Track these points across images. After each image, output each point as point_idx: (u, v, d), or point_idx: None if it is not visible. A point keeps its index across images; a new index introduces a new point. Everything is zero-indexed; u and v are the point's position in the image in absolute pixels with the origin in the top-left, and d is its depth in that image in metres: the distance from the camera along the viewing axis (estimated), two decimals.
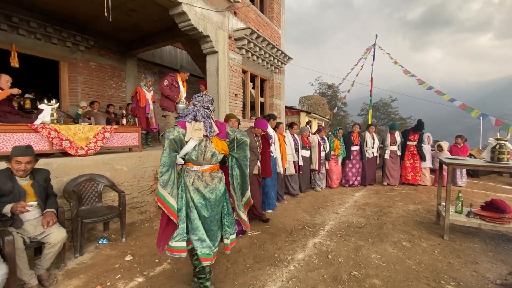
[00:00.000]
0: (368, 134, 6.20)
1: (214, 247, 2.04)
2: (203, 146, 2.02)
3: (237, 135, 2.12)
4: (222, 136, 2.09)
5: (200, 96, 2.13)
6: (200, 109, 2.07)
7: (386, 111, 32.83)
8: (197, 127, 2.00)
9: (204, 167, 2.05)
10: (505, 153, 2.94)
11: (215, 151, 2.04)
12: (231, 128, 2.16)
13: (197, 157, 2.02)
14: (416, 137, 6.12)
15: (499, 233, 3.28)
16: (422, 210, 4.28)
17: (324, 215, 4.09)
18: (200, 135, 1.99)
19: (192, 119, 2.03)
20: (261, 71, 7.72)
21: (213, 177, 2.07)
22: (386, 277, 2.33)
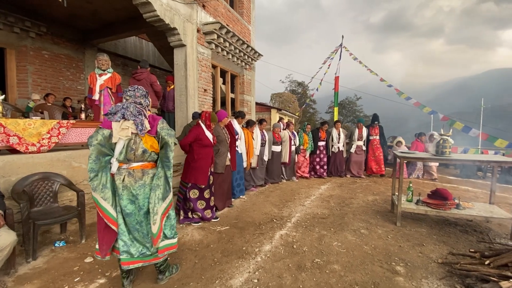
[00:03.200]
0: (335, 130, 6.59)
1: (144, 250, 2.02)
2: (132, 144, 1.96)
3: (162, 133, 2.03)
4: (152, 132, 2.03)
5: (132, 90, 2.04)
6: (130, 105, 1.97)
7: (352, 108, 34.65)
8: (125, 125, 1.92)
9: (135, 164, 2.01)
10: (447, 147, 3.32)
11: (145, 148, 1.99)
12: (162, 125, 2.07)
13: (128, 156, 1.97)
14: (376, 130, 6.63)
15: (442, 218, 3.69)
16: (379, 200, 4.65)
17: (291, 207, 4.25)
18: (128, 133, 1.92)
19: (121, 117, 1.93)
20: (231, 66, 7.68)
21: (144, 173, 2.02)
22: (345, 262, 2.52)
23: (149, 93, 2.18)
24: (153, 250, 2.06)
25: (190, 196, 3.46)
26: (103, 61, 4.20)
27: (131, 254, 1.99)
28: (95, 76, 4.21)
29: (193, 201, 3.47)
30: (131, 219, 2.00)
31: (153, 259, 2.09)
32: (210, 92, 6.57)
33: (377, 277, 2.27)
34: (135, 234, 2.02)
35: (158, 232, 1.99)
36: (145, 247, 2.04)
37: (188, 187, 3.47)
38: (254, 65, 8.89)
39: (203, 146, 3.40)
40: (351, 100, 34.66)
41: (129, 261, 2.00)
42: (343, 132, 6.70)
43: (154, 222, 1.96)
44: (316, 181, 6.35)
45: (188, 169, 3.45)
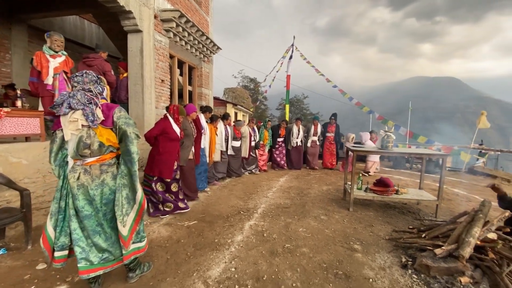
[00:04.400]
0: (295, 126, 7.06)
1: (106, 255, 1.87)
2: (85, 138, 1.74)
3: (119, 123, 1.81)
4: (108, 123, 1.79)
5: (80, 75, 1.82)
6: (77, 93, 1.74)
7: (299, 106, 36.68)
8: (73, 118, 1.70)
9: (91, 159, 1.80)
10: (390, 141, 3.87)
11: (101, 142, 1.78)
12: (120, 114, 1.84)
13: (82, 152, 1.76)
14: (333, 128, 7.27)
15: (385, 203, 4.30)
16: (332, 190, 5.15)
17: (255, 199, 4.40)
18: (77, 126, 1.71)
19: (68, 108, 1.70)
20: (189, 58, 7.41)
21: (102, 171, 1.82)
22: (311, 245, 2.77)
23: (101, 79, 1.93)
24: (116, 254, 1.91)
25: (158, 189, 3.38)
26: (59, 42, 3.69)
27: (90, 261, 1.81)
28: (45, 57, 3.60)
29: (161, 193, 3.39)
30: (90, 222, 1.82)
31: (117, 263, 1.95)
32: (168, 83, 6.24)
33: (340, 255, 2.57)
34: (95, 239, 1.84)
35: (129, 234, 1.84)
36: (107, 251, 1.87)
37: (154, 180, 3.36)
38: (213, 58, 8.73)
39: (170, 139, 3.30)
40: (299, 99, 36.67)
41: (88, 269, 1.81)
42: (302, 129, 7.18)
43: (124, 224, 1.80)
44: (275, 174, 6.66)
45: (152, 161, 3.32)
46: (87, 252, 1.81)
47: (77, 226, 1.81)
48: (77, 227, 1.81)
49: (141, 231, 2.03)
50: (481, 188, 5.61)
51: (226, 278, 2.18)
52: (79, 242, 1.80)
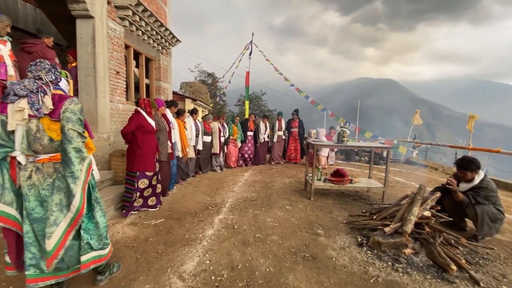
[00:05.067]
0: (261, 123, 7.24)
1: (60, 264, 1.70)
2: (35, 131, 1.60)
3: (62, 116, 1.62)
4: (55, 115, 1.62)
5: (34, 64, 1.70)
6: (25, 80, 1.62)
7: (258, 103, 37.25)
8: (19, 106, 1.56)
9: (43, 156, 1.65)
10: (345, 136, 4.29)
11: (50, 137, 1.63)
12: (68, 106, 1.65)
13: (33, 147, 1.62)
14: (296, 123, 7.63)
15: (341, 192, 4.74)
16: (294, 182, 5.47)
17: (222, 194, 4.45)
18: (23, 115, 1.56)
19: (13, 95, 1.57)
20: (146, 49, 6.99)
21: (56, 170, 1.67)
22: (280, 233, 2.96)
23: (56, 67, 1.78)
24: (71, 263, 1.76)
25: (139, 186, 3.32)
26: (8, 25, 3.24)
27: (41, 269, 1.66)
28: None
29: (141, 191, 3.35)
30: (41, 226, 1.66)
31: (72, 273, 1.80)
32: (123, 75, 5.82)
33: (306, 240, 2.81)
34: None
35: (55, 250, 1.59)
36: (60, 260, 1.70)
37: (137, 176, 3.29)
38: (171, 51, 8.37)
39: (147, 132, 3.24)
40: (257, 95, 37.23)
41: (38, 278, 1.66)
42: (268, 125, 7.43)
43: (49, 236, 1.59)
44: (239, 169, 6.77)
45: (133, 157, 3.21)
46: (38, 259, 1.67)
47: (30, 228, 1.66)
48: (29, 230, 1.66)
49: (103, 237, 1.87)
50: (417, 175, 6.55)
51: (202, 270, 2.22)
52: (31, 247, 1.65)
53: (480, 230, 2.80)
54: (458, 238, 2.58)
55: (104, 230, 1.88)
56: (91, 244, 1.80)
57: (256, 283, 2.06)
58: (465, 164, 2.95)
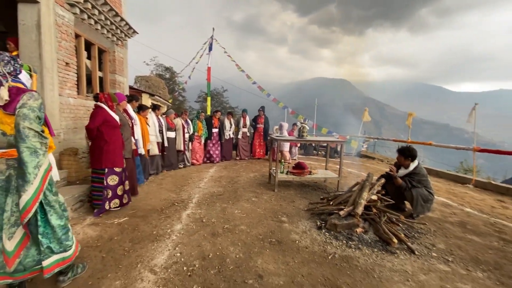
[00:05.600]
0: (226, 119, 7.27)
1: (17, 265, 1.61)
2: None
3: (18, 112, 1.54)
4: (10, 109, 1.55)
5: None
6: None
7: (219, 99, 36.75)
8: None
9: None
10: (305, 131, 4.62)
11: (3, 131, 1.56)
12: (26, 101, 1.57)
13: None
14: (262, 120, 7.81)
15: (301, 183, 5.09)
16: (258, 176, 5.68)
17: (188, 191, 4.44)
18: None
19: None
20: (99, 39, 6.49)
21: (9, 166, 1.59)
22: (248, 223, 3.11)
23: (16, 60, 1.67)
24: (28, 265, 1.66)
25: (109, 183, 3.16)
26: None
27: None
28: None
29: (112, 188, 3.20)
30: None
31: (30, 274, 1.71)
32: (74, 67, 5.35)
33: (272, 227, 3.01)
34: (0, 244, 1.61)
35: (16, 250, 1.55)
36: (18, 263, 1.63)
37: (105, 173, 3.14)
38: (127, 43, 7.88)
39: (113, 127, 3.11)
40: (218, 92, 36.71)
41: None
42: (233, 122, 7.49)
43: (10, 237, 1.54)
44: (204, 166, 6.75)
45: (101, 154, 3.05)
46: None
47: None
48: None
49: (63, 239, 1.79)
50: (366, 166, 7.30)
51: (173, 263, 2.26)
52: None
53: (415, 209, 3.33)
54: (399, 217, 3.04)
55: (62, 233, 1.80)
56: (52, 247, 1.73)
57: (227, 269, 2.18)
58: (404, 152, 3.48)
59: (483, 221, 3.51)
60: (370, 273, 2.19)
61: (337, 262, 2.33)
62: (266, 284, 2.00)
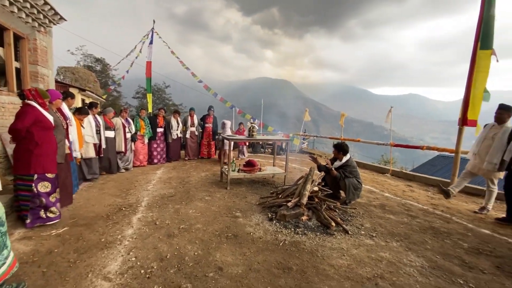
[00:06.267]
0: (173, 118, 6.97)
1: None
2: None
3: None
4: None
5: None
6: None
7: (161, 96, 34.43)
8: None
9: None
10: (255, 131, 4.88)
11: None
12: None
13: None
14: (210, 119, 7.74)
15: (252, 179, 5.35)
16: (210, 175, 5.73)
17: (135, 194, 4.22)
18: None
19: None
20: (15, 24, 5.52)
21: None
22: (203, 221, 3.19)
23: None
24: None
25: (40, 190, 2.79)
26: None
27: None
28: None
29: (44, 196, 2.83)
30: None
31: None
32: None
33: (227, 223, 3.16)
34: None
35: None
36: None
37: (35, 180, 2.77)
38: (52, 30, 6.89)
39: (45, 128, 2.70)
40: (160, 87, 34.36)
41: None
42: (180, 121, 7.23)
43: None
44: (150, 167, 6.41)
45: (30, 158, 2.61)
46: None
47: None
48: None
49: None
50: (307, 162, 8.02)
51: (128, 268, 2.21)
52: None
53: (347, 196, 3.91)
54: (336, 204, 3.54)
55: None
56: None
57: (187, 266, 2.25)
58: (338, 147, 4.05)
59: (397, 203, 4.34)
60: (314, 253, 2.54)
61: (287, 248, 2.63)
62: (226, 275, 2.15)
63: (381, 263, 2.43)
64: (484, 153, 3.78)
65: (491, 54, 4.33)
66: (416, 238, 3.00)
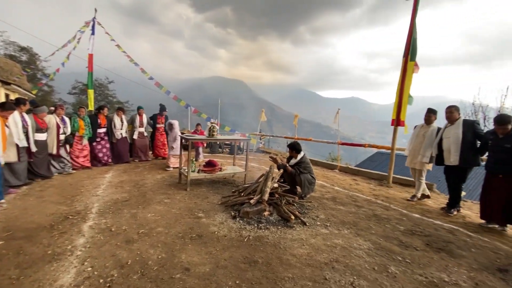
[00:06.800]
0: (116, 117, 6.37)
1: None
2: None
3: None
4: None
5: None
6: None
7: (103, 92, 31.07)
8: None
9: None
10: (215, 130, 4.88)
11: None
12: None
13: None
14: (163, 119, 7.35)
15: (212, 179, 5.32)
16: (166, 177, 5.51)
17: (83, 200, 3.85)
18: None
19: None
20: None
21: None
22: (165, 224, 3.09)
23: None
24: None
25: None
26: None
27: None
28: None
29: None
30: None
31: None
32: None
33: (190, 224, 3.12)
34: None
35: None
36: None
37: None
38: None
39: None
40: (101, 83, 30.97)
41: None
42: (125, 119, 6.69)
43: None
44: (97, 171, 5.85)
45: None
46: None
47: None
48: None
49: None
50: (265, 160, 8.30)
51: (85, 278, 2.04)
52: None
53: (303, 191, 4.21)
54: (294, 198, 3.79)
55: None
56: None
57: (151, 271, 2.18)
58: (293, 147, 4.35)
59: (346, 195, 4.83)
60: (277, 245, 2.71)
61: (252, 243, 2.74)
62: (194, 274, 2.15)
63: (336, 249, 2.71)
64: (417, 149, 4.48)
65: (414, 65, 5.18)
66: (363, 225, 3.41)
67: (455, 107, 4.02)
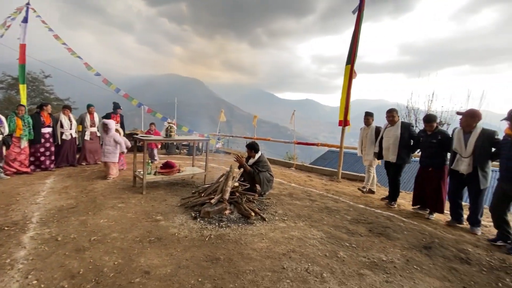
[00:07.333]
0: (63, 116, 5.76)
1: None
2: None
3: None
4: None
5: None
6: None
7: (38, 87, 27.26)
8: None
9: None
10: (173, 131, 4.75)
11: None
12: None
13: None
14: (118, 118, 6.79)
15: (170, 182, 5.16)
16: (119, 180, 5.17)
17: (21, 210, 3.42)
18: None
19: None
20: None
21: None
22: (120, 229, 2.94)
23: None
24: None
25: None
26: None
27: None
28: None
29: None
30: None
31: None
32: None
33: (148, 227, 3.03)
34: None
35: None
36: None
37: None
38: None
39: None
40: (36, 77, 27.10)
41: None
42: (74, 118, 6.05)
43: None
44: (35, 176, 5.19)
45: None
46: None
47: None
48: None
49: None
50: (224, 160, 8.32)
51: None
52: None
53: (262, 188, 4.39)
54: (254, 196, 3.93)
55: None
56: None
57: (107, 278, 2.08)
58: (251, 146, 4.51)
59: (301, 191, 5.17)
60: (238, 242, 2.80)
61: (213, 241, 2.79)
62: (155, 277, 2.12)
63: (293, 240, 2.93)
64: (365, 149, 5.03)
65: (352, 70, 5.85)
66: (316, 217, 3.72)
67: (395, 110, 4.61)
